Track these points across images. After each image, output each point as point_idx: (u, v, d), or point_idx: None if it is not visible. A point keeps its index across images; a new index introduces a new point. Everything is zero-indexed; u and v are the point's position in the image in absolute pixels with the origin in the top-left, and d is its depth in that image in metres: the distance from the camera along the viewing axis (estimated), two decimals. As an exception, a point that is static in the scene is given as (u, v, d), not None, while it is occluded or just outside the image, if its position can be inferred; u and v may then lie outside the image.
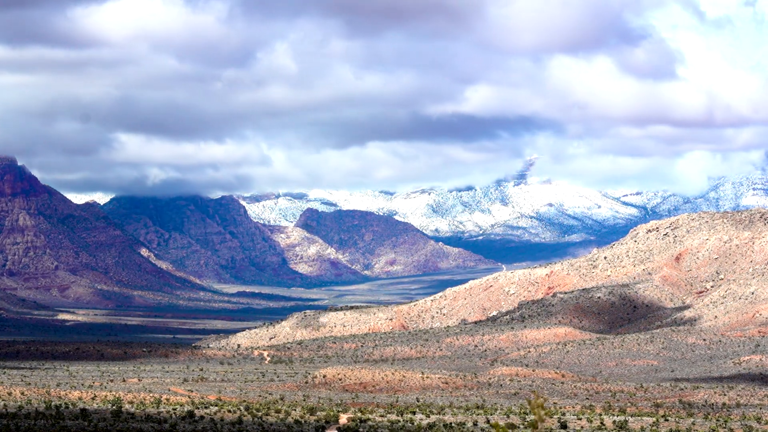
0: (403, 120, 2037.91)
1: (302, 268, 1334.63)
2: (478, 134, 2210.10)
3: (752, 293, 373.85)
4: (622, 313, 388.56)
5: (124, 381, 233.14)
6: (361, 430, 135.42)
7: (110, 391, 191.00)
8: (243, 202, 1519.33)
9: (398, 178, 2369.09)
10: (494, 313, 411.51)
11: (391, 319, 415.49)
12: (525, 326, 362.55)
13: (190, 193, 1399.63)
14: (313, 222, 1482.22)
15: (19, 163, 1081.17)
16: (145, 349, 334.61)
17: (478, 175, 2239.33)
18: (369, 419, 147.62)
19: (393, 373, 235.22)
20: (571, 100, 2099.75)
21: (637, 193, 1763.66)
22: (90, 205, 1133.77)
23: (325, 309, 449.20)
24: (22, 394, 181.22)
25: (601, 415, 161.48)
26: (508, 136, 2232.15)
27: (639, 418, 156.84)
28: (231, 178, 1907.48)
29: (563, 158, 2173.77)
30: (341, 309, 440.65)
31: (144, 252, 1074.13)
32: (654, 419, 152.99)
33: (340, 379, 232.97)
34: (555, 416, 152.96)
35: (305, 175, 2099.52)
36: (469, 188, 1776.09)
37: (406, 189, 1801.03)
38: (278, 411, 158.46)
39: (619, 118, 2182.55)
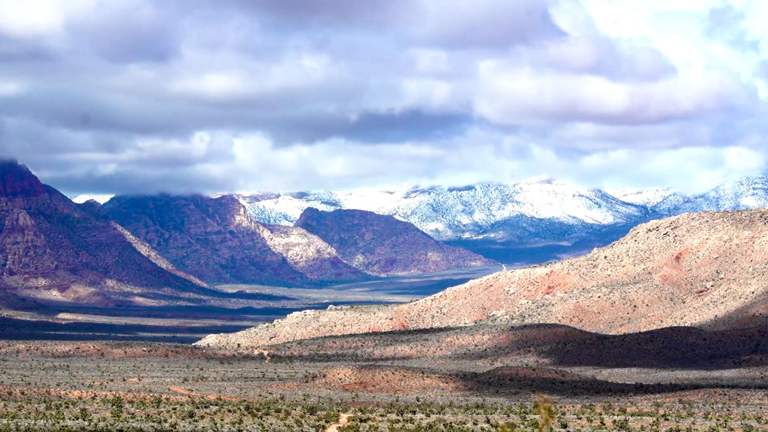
0: (345, 117, 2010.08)
1: (302, 268, 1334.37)
2: (410, 132, 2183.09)
3: (752, 293, 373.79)
4: (622, 313, 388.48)
5: (124, 381, 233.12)
6: (361, 430, 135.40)
7: (110, 391, 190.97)
8: (243, 202, 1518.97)
9: (349, 176, 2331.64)
10: (494, 313, 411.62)
11: (391, 319, 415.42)
12: (525, 326, 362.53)
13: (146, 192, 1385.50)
14: (313, 221, 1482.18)
15: (19, 163, 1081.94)
16: (145, 349, 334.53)
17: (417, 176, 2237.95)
18: (369, 419, 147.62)
19: (393, 373, 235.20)
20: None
21: (638, 193, 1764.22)
22: (90, 205, 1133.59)
23: (325, 308, 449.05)
24: (22, 393, 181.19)
25: (601, 414, 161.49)
26: (449, 133, 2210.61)
27: (639, 417, 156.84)
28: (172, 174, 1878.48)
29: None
30: (341, 308, 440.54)
31: (144, 252, 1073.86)
32: (654, 419, 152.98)
33: (340, 379, 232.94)
34: (555, 416, 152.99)
35: (232, 173, 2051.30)
36: (469, 188, 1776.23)
37: (357, 189, 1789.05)
38: (278, 411, 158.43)
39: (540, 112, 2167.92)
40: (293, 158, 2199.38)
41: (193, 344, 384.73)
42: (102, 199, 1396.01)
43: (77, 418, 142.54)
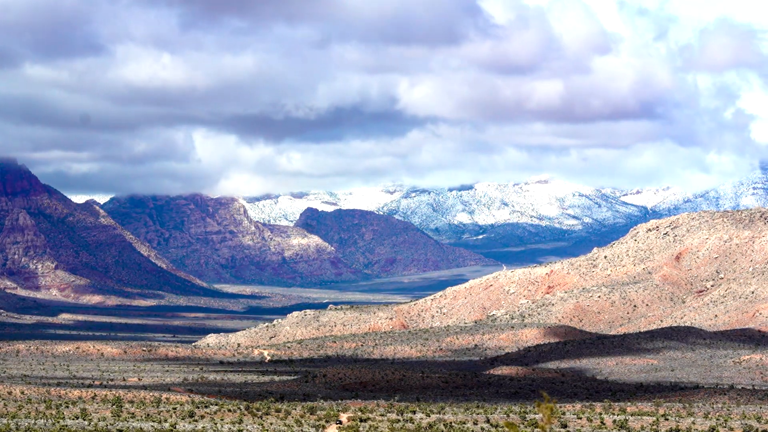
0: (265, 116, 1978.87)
1: (302, 268, 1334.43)
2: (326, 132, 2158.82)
3: (752, 292, 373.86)
4: (622, 313, 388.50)
5: (124, 381, 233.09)
6: (361, 429, 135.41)
7: (110, 391, 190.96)
8: (243, 201, 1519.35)
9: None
10: (494, 312, 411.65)
11: (391, 319, 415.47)
12: (525, 326, 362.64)
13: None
14: (313, 221, 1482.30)
15: (19, 163, 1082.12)
16: (144, 349, 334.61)
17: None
18: (369, 419, 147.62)
19: (393, 373, 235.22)
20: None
21: (637, 192, 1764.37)
22: (90, 205, 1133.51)
23: (325, 308, 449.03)
24: (22, 393, 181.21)
25: (601, 414, 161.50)
26: (378, 132, 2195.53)
27: (639, 417, 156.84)
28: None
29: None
30: (341, 308, 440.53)
31: (144, 252, 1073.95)
32: (654, 419, 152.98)
33: (340, 379, 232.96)
34: (556, 416, 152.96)
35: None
36: (469, 187, 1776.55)
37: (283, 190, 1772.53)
38: (278, 411, 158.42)
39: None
40: (254, 155, 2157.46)
41: (193, 344, 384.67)
42: (102, 198, 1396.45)
43: (77, 418, 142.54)
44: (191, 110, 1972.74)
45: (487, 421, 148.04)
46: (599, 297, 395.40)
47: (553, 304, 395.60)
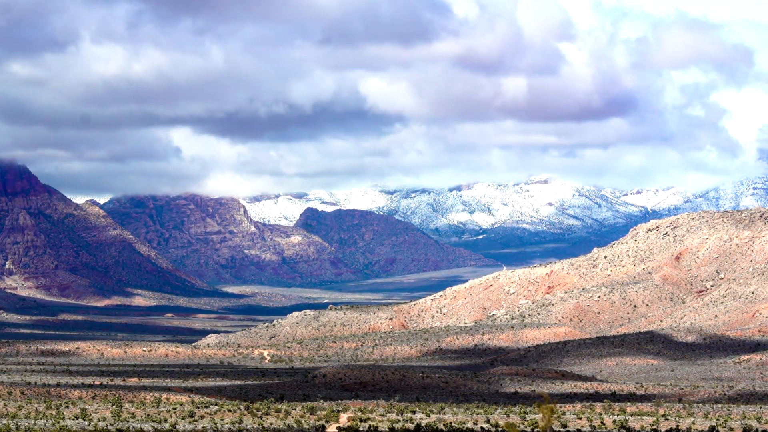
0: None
1: (302, 268, 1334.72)
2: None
3: (752, 292, 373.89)
4: (622, 313, 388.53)
5: (124, 381, 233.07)
6: (361, 430, 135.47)
7: (110, 391, 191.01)
8: (243, 202, 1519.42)
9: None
10: (494, 312, 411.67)
11: (391, 319, 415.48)
12: (525, 326, 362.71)
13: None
14: (313, 221, 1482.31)
15: (19, 163, 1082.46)
16: (145, 349, 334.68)
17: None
18: (369, 419, 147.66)
19: (393, 373, 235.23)
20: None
21: (637, 192, 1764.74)
22: (90, 205, 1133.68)
23: (325, 308, 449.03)
24: (22, 393, 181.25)
25: (601, 414, 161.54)
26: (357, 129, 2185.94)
27: (639, 417, 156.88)
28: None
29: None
30: (341, 308, 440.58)
31: (144, 252, 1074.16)
32: (654, 419, 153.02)
33: (340, 379, 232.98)
34: (556, 416, 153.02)
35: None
36: (469, 187, 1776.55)
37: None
38: (278, 411, 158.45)
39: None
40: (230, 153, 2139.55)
41: (193, 344, 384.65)
42: (102, 198, 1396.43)
43: (77, 418, 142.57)
44: (161, 109, 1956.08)
45: (487, 421, 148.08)
46: (599, 297, 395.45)
47: (553, 304, 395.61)
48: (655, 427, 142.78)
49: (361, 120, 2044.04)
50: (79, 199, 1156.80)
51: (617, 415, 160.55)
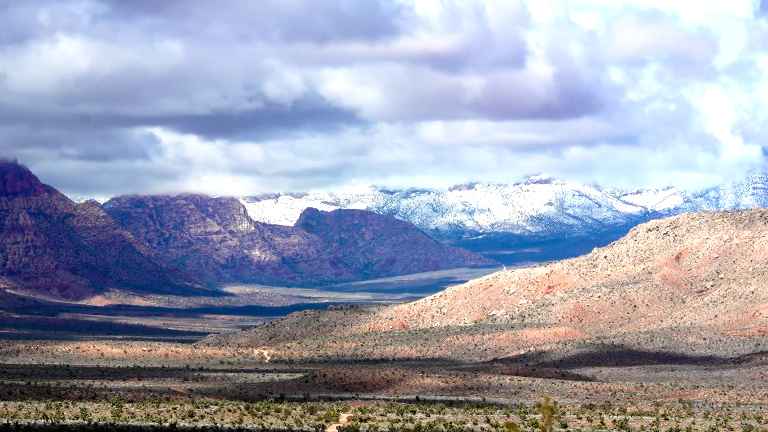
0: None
1: (302, 268, 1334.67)
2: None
3: (752, 292, 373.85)
4: (622, 313, 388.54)
5: (124, 381, 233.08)
6: (361, 429, 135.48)
7: (110, 391, 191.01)
8: (243, 202, 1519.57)
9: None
10: (494, 312, 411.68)
11: (391, 319, 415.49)
12: (525, 326, 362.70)
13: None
14: (313, 221, 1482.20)
15: (19, 163, 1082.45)
16: (145, 349, 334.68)
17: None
18: (369, 419, 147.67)
19: (393, 373, 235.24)
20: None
21: (637, 192, 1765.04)
22: (90, 205, 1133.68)
23: (325, 308, 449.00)
24: (22, 393, 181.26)
25: (601, 414, 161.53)
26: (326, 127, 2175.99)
27: (639, 417, 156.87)
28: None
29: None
30: (341, 308, 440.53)
31: (144, 252, 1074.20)
32: (654, 419, 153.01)
33: (340, 379, 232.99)
34: (556, 416, 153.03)
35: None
36: (470, 187, 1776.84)
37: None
38: (278, 411, 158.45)
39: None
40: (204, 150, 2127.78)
41: (193, 344, 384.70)
42: (102, 198, 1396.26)
43: (77, 418, 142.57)
44: (126, 108, 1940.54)
45: (487, 421, 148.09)
46: (599, 297, 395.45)
47: (553, 304, 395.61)
48: (655, 427, 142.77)
49: (325, 119, 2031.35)
50: (79, 199, 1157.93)
51: (617, 415, 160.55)
